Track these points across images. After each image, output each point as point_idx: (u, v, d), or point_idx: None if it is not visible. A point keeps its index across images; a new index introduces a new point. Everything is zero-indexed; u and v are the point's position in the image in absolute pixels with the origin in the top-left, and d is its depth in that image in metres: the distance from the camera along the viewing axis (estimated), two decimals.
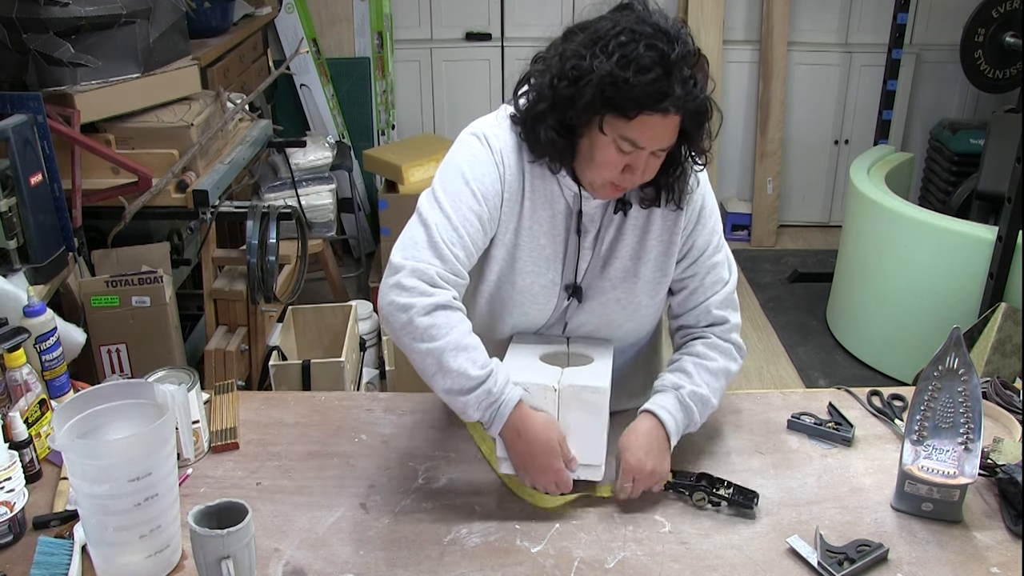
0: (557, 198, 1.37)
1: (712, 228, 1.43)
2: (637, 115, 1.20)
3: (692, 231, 1.41)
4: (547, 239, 1.39)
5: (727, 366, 1.43)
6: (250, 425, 1.54)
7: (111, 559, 1.17)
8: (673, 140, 1.25)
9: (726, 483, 1.34)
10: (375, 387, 2.84)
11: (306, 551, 1.23)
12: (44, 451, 1.42)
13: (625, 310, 1.43)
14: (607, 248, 1.40)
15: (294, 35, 4.05)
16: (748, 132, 4.57)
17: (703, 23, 4.29)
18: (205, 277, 2.64)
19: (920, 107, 4.51)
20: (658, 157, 1.27)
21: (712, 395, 1.40)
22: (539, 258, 1.39)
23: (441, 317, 1.25)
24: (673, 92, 1.19)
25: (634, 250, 1.40)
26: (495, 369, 1.27)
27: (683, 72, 1.20)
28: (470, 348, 1.26)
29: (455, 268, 1.29)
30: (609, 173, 1.27)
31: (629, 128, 1.22)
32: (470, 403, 1.26)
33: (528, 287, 1.40)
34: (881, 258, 3.33)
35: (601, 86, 1.20)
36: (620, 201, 1.37)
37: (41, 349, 1.51)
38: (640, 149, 1.24)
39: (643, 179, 1.29)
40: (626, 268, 1.40)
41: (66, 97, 2.37)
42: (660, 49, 1.18)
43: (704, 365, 1.41)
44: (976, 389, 1.26)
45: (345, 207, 3.92)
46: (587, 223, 1.38)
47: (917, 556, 1.22)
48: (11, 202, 2.02)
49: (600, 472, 1.33)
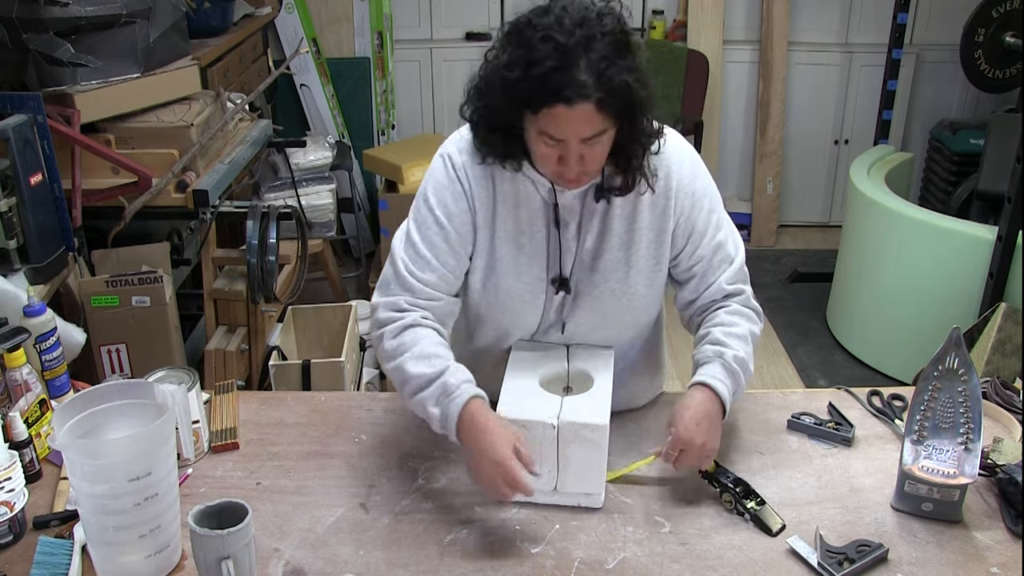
0: (532, 195, 1.37)
1: (710, 208, 1.41)
2: (540, 109, 1.19)
3: (689, 215, 1.39)
4: (526, 237, 1.38)
5: (752, 328, 1.43)
6: (250, 425, 1.54)
7: (111, 559, 1.17)
8: (597, 128, 1.21)
9: (759, 499, 1.31)
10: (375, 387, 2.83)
11: (306, 551, 1.23)
12: (44, 451, 1.42)
13: (620, 301, 1.41)
14: (595, 239, 1.38)
15: (294, 35, 4.05)
16: (748, 132, 4.57)
17: (703, 23, 4.29)
18: (205, 277, 2.64)
19: (920, 107, 4.51)
20: (594, 145, 1.23)
21: (748, 359, 1.39)
22: (520, 256, 1.39)
23: (408, 335, 1.34)
24: (573, 81, 1.16)
25: (624, 240, 1.38)
26: (451, 367, 1.31)
27: (590, 56, 1.16)
28: (432, 356, 1.31)
29: (425, 293, 1.37)
30: (550, 166, 1.27)
31: (539, 122, 1.21)
32: (427, 399, 1.29)
33: (512, 287, 1.40)
34: (881, 258, 3.33)
35: (501, 86, 1.21)
36: (599, 189, 1.35)
37: (41, 349, 1.51)
38: (562, 140, 1.22)
39: (588, 168, 1.26)
40: (617, 259, 1.39)
41: (66, 97, 2.37)
42: (554, 40, 1.16)
43: (732, 332, 1.39)
44: (976, 389, 1.26)
45: (345, 207, 3.92)
46: (566, 215, 1.37)
47: (917, 556, 1.22)
48: (11, 202, 2.02)
49: (600, 500, 1.32)
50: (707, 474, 1.35)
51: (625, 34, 1.21)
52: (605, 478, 1.33)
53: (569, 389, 1.40)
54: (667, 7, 4.40)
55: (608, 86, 1.17)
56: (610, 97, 1.18)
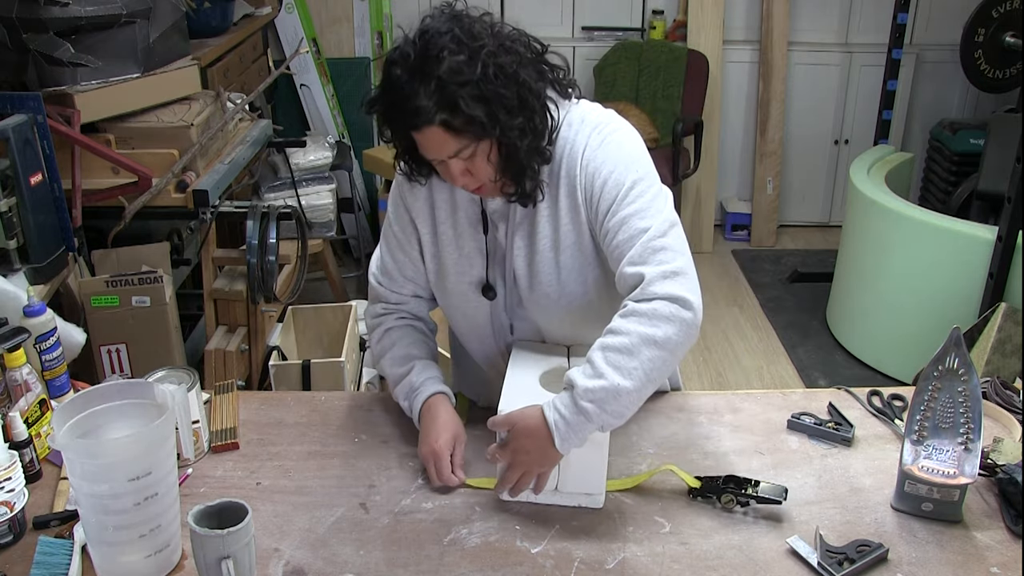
0: (468, 200, 1.41)
1: (616, 181, 1.28)
2: (405, 135, 1.26)
3: (594, 195, 1.30)
4: (467, 239, 1.42)
5: (646, 333, 1.19)
6: (250, 425, 1.54)
7: (111, 559, 1.17)
8: (456, 145, 1.22)
9: (753, 482, 1.31)
10: (375, 387, 2.83)
11: (306, 551, 1.23)
12: (44, 451, 1.42)
13: (558, 303, 1.39)
14: (526, 242, 1.37)
15: (294, 35, 4.05)
16: (748, 132, 4.57)
17: (703, 23, 4.29)
18: (205, 277, 2.64)
19: (920, 107, 4.51)
20: (472, 159, 1.25)
21: (625, 378, 1.18)
22: (461, 258, 1.43)
23: (386, 339, 1.50)
24: (415, 107, 1.18)
25: (552, 241, 1.36)
26: (417, 366, 1.46)
27: (428, 83, 1.17)
28: (403, 357, 1.48)
29: (394, 297, 1.51)
30: (449, 181, 1.32)
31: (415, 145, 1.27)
32: (399, 395, 1.48)
33: (455, 286, 1.45)
34: (881, 258, 3.33)
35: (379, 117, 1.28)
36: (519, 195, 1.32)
37: (41, 349, 1.51)
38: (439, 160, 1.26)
39: (481, 178, 1.27)
40: (548, 260, 1.37)
41: (66, 97, 2.37)
42: (392, 73, 1.21)
43: (611, 344, 1.21)
44: (976, 389, 1.26)
45: (345, 207, 3.92)
46: (496, 219, 1.39)
47: (917, 556, 1.22)
48: (11, 202, 2.02)
49: (600, 500, 1.32)
50: (697, 491, 1.33)
51: (471, 49, 1.19)
52: (606, 478, 1.33)
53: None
54: (667, 7, 4.40)
55: (449, 107, 1.19)
56: (455, 116, 1.19)
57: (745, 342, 3.70)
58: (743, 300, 4.07)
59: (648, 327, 1.20)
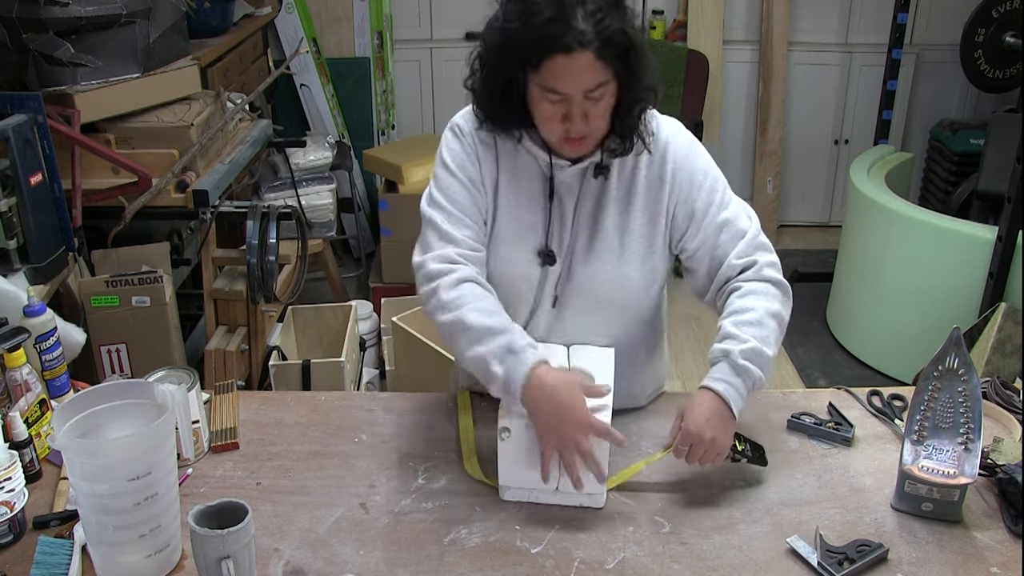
0: (533, 170, 1.40)
1: (711, 187, 1.40)
2: (541, 61, 1.21)
3: (688, 197, 1.40)
4: (526, 210, 1.41)
5: (770, 308, 1.36)
6: (250, 425, 1.54)
7: (111, 559, 1.17)
8: (599, 79, 1.23)
9: (742, 438, 1.37)
10: (375, 387, 2.83)
11: (306, 551, 1.23)
12: (44, 451, 1.42)
13: (614, 283, 1.41)
14: (590, 219, 1.40)
15: (294, 35, 4.05)
16: (748, 132, 4.57)
17: (703, 23, 4.29)
18: (205, 277, 2.64)
19: (920, 107, 4.51)
20: (595, 100, 1.25)
21: (764, 345, 1.33)
22: (518, 227, 1.41)
23: (467, 288, 1.33)
24: (571, 29, 1.18)
25: (618, 222, 1.40)
26: (517, 328, 1.31)
27: (586, 7, 1.19)
28: (495, 313, 1.32)
29: (470, 244, 1.38)
30: (553, 127, 1.28)
31: (542, 76, 1.23)
32: (489, 355, 1.27)
33: (507, 255, 1.42)
34: (881, 258, 3.33)
35: (503, 42, 1.24)
36: (597, 166, 1.37)
37: (41, 349, 1.51)
38: (566, 95, 1.24)
39: (593, 126, 1.28)
40: (612, 240, 1.40)
41: (66, 97, 2.37)
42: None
43: (743, 320, 1.34)
44: (976, 389, 1.26)
45: (345, 207, 3.92)
46: (562, 191, 1.39)
47: (917, 556, 1.22)
48: (11, 202, 2.02)
49: (601, 500, 1.32)
50: None
51: None
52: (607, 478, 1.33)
53: None
54: (667, 7, 4.40)
55: (605, 34, 1.20)
56: (608, 45, 1.20)
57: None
58: None
59: (769, 303, 1.37)
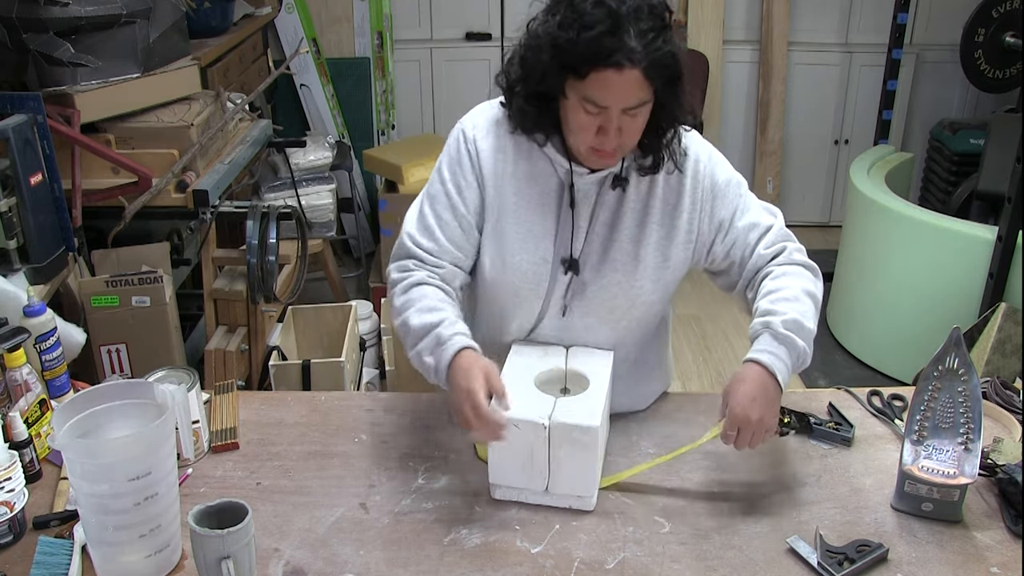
0: (548, 175, 1.39)
1: (735, 195, 1.42)
2: (588, 72, 1.21)
3: (712, 211, 1.41)
4: (536, 216, 1.40)
5: (804, 287, 1.38)
6: (250, 425, 1.54)
7: (111, 559, 1.17)
8: (641, 97, 1.24)
9: (785, 410, 1.40)
10: (375, 387, 2.83)
11: (306, 551, 1.23)
12: (44, 451, 1.42)
13: (627, 294, 1.41)
14: (606, 228, 1.40)
15: (294, 35, 4.05)
16: (748, 132, 4.57)
17: (703, 23, 4.29)
18: (205, 277, 2.64)
19: (920, 107, 4.51)
20: (633, 116, 1.26)
21: (803, 318, 1.33)
22: (528, 235, 1.40)
23: (414, 291, 1.38)
24: (624, 46, 1.19)
25: (633, 234, 1.40)
26: (448, 319, 1.34)
27: (639, 26, 1.20)
28: (433, 309, 1.35)
29: (431, 260, 1.41)
30: (585, 137, 1.28)
31: (586, 87, 1.23)
32: (423, 351, 1.33)
33: (518, 265, 1.40)
34: (881, 258, 3.33)
35: (551, 48, 1.23)
36: (616, 177, 1.37)
37: (41, 349, 1.51)
38: (605, 108, 1.24)
39: (625, 141, 1.29)
40: (627, 250, 1.40)
41: (66, 97, 2.37)
42: (607, 5, 1.19)
43: (780, 297, 1.35)
44: (976, 389, 1.26)
45: (345, 207, 3.92)
46: (579, 198, 1.39)
47: (917, 556, 1.22)
48: (11, 202, 2.02)
49: (591, 503, 1.32)
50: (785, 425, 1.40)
51: (668, 11, 1.25)
52: (598, 481, 1.33)
53: (566, 391, 1.40)
54: None
55: (655, 55, 1.21)
56: (656, 67, 1.21)
57: (745, 342, 3.67)
58: None
59: (803, 282, 1.39)
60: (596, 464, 1.30)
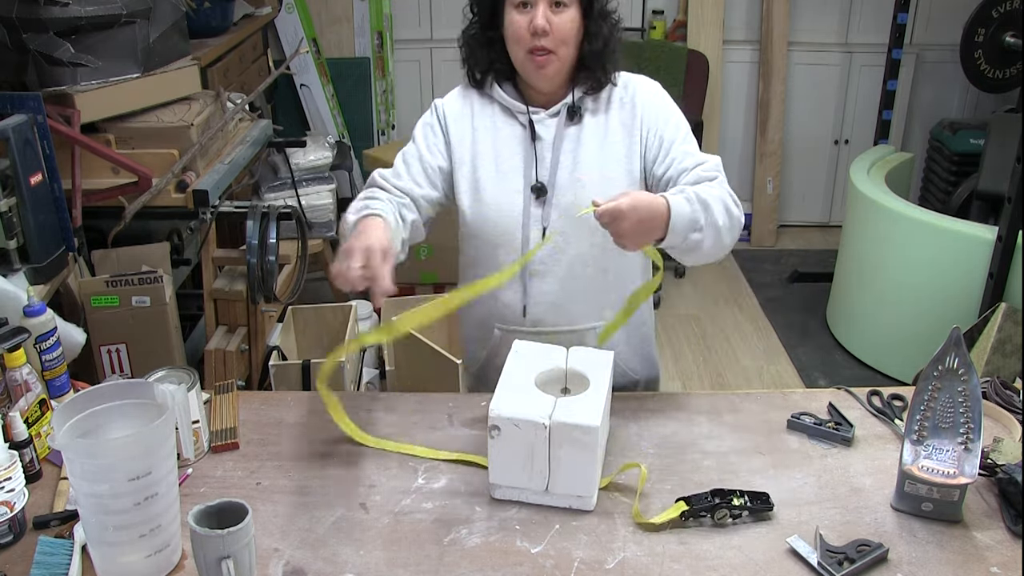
0: (512, 123, 1.59)
1: (677, 124, 1.57)
2: None
3: (656, 127, 1.56)
4: (505, 156, 1.58)
5: (721, 196, 1.44)
6: (250, 425, 1.54)
7: (111, 559, 1.17)
8: None
9: (738, 492, 1.30)
10: (375, 387, 2.83)
11: (306, 551, 1.23)
12: (44, 451, 1.42)
13: None
14: (570, 156, 1.56)
15: (294, 35, 4.05)
16: (748, 132, 4.57)
17: (703, 23, 4.29)
18: (205, 277, 2.64)
19: (920, 107, 4.51)
20: (558, 12, 1.47)
21: (712, 201, 1.40)
22: (497, 172, 1.58)
23: (367, 200, 1.54)
24: None
25: (597, 157, 1.56)
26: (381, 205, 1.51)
27: None
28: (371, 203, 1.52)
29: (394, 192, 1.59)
30: (522, 42, 1.49)
31: None
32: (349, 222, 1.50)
33: (492, 198, 1.58)
34: (881, 258, 3.33)
35: None
36: (570, 108, 1.56)
37: (41, 349, 1.51)
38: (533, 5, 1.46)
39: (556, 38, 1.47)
40: (594, 171, 1.55)
41: (66, 97, 2.37)
42: None
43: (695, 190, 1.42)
44: (976, 389, 1.26)
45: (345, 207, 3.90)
46: (542, 132, 1.57)
47: (917, 556, 1.22)
48: (11, 202, 2.02)
49: (591, 503, 1.32)
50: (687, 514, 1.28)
51: None
52: (597, 481, 1.33)
53: (567, 390, 1.40)
54: (667, 7, 4.41)
55: None
56: None
57: (745, 342, 3.70)
58: (743, 300, 4.07)
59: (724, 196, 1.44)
60: (596, 464, 1.30)
